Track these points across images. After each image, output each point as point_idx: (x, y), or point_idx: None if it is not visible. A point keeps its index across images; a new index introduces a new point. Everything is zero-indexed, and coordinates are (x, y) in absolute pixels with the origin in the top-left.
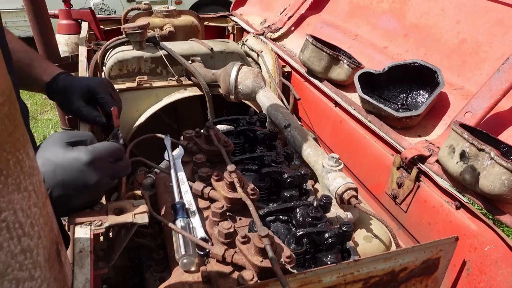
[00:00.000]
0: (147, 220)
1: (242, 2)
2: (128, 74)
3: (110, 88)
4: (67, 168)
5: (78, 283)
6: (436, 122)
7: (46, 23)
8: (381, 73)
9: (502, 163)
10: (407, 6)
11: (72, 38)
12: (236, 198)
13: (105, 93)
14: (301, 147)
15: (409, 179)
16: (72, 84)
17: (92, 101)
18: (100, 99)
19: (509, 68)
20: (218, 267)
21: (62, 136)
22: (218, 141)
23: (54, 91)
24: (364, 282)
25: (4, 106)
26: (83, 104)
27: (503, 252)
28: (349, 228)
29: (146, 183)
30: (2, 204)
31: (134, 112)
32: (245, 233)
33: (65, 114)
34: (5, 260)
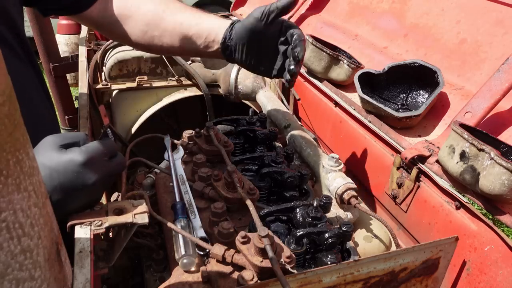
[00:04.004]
0: (147, 220)
1: (242, 2)
2: (128, 74)
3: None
4: (63, 171)
5: (78, 283)
6: (436, 122)
7: (46, 23)
8: (381, 73)
9: (502, 163)
10: (407, 6)
11: (72, 38)
12: (236, 198)
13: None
14: (301, 147)
15: (409, 179)
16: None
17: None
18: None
19: (509, 68)
20: (218, 267)
21: (54, 139)
22: (218, 141)
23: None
24: (364, 282)
25: (4, 106)
26: None
27: (503, 252)
28: (349, 228)
29: (146, 183)
30: (2, 204)
31: (134, 112)
32: (245, 233)
33: (65, 114)
34: (5, 260)
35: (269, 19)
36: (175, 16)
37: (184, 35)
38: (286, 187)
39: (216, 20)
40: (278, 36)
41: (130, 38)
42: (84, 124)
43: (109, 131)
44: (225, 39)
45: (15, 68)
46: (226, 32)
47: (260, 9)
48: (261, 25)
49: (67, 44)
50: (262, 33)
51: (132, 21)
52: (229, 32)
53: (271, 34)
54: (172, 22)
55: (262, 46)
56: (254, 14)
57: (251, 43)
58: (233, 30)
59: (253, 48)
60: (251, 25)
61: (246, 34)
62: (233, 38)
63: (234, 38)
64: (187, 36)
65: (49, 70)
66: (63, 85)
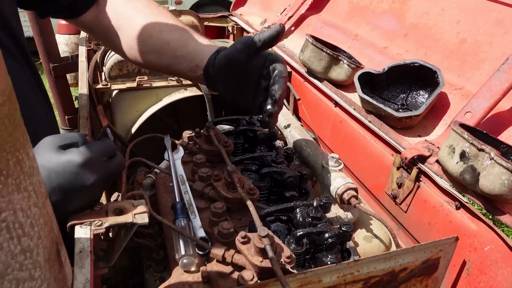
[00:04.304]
0: (147, 220)
1: (242, 2)
2: (128, 74)
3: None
4: (62, 172)
5: (78, 283)
6: (436, 122)
7: (46, 23)
8: (381, 73)
9: (502, 163)
10: (407, 6)
11: (72, 38)
12: (236, 198)
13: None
14: (301, 147)
15: (409, 179)
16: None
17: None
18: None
19: (509, 68)
20: (218, 267)
21: (53, 140)
22: (218, 141)
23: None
24: (364, 282)
25: (4, 106)
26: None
27: (503, 252)
28: (349, 228)
29: (146, 183)
30: (2, 204)
31: (134, 112)
32: (245, 233)
33: (65, 114)
34: (5, 260)
35: (252, 51)
36: (163, 35)
37: (170, 56)
38: (286, 187)
39: (203, 45)
40: (261, 69)
41: (120, 50)
42: (84, 124)
43: (108, 131)
44: (207, 66)
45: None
46: (210, 59)
47: (244, 40)
48: (243, 57)
49: (67, 44)
50: (244, 65)
51: (122, 34)
52: (213, 60)
53: (254, 67)
54: (159, 41)
55: (244, 79)
56: (237, 45)
57: (232, 75)
58: (216, 59)
59: (234, 80)
60: (233, 56)
61: (227, 65)
62: (215, 67)
63: (216, 67)
64: (173, 57)
65: (49, 70)
66: (63, 85)
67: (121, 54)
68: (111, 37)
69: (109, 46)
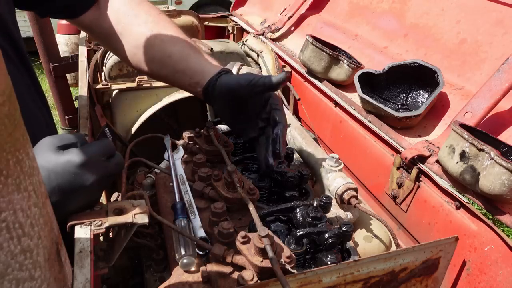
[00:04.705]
0: (147, 220)
1: (242, 2)
2: (128, 74)
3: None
4: (61, 172)
5: (78, 283)
6: (436, 122)
7: (46, 23)
8: (381, 73)
9: (502, 163)
10: (407, 6)
11: (72, 38)
12: (236, 198)
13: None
14: (301, 147)
15: (409, 179)
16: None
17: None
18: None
19: (509, 68)
20: (218, 267)
21: (52, 140)
22: (218, 141)
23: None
24: (364, 282)
25: (4, 106)
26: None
27: (503, 252)
28: (349, 228)
29: (146, 183)
30: (2, 204)
31: (134, 112)
32: (245, 233)
33: (65, 114)
34: (5, 260)
35: (254, 91)
36: (165, 46)
37: (170, 68)
38: (286, 187)
39: (205, 63)
40: (260, 110)
41: (121, 54)
42: (84, 124)
43: (107, 130)
44: (207, 87)
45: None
46: (211, 80)
47: (249, 78)
48: (245, 94)
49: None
50: (244, 101)
51: (123, 39)
52: (214, 82)
53: (254, 105)
54: (161, 52)
55: (242, 112)
56: (241, 79)
57: (230, 104)
58: (217, 81)
59: (231, 109)
60: (235, 89)
61: (227, 93)
62: (215, 90)
63: (217, 90)
64: (173, 70)
65: (49, 70)
66: (63, 85)
67: (123, 59)
68: (113, 41)
69: (110, 49)
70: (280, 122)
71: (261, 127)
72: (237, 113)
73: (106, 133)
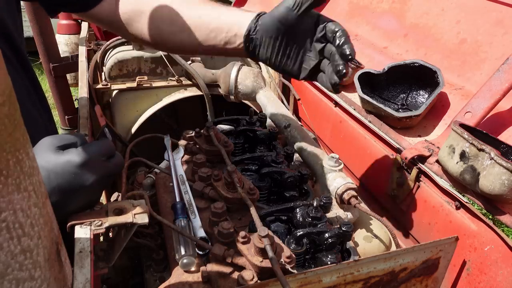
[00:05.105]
0: (147, 220)
1: (242, 2)
2: (128, 74)
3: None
4: (61, 172)
5: (78, 283)
6: (436, 122)
7: (46, 23)
8: (381, 73)
9: (502, 163)
10: (407, 6)
11: (72, 38)
12: (236, 198)
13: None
14: (301, 147)
15: (409, 179)
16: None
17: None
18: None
19: (509, 68)
20: (218, 267)
21: (52, 141)
22: (218, 141)
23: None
24: (364, 282)
25: (4, 106)
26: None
27: (503, 252)
28: (349, 228)
29: (146, 183)
30: (2, 204)
31: (134, 112)
32: (245, 233)
33: (65, 114)
34: (5, 260)
35: (302, 8)
36: (193, 9)
37: (203, 30)
38: (286, 187)
39: (240, 12)
40: (312, 31)
41: (145, 35)
42: (84, 124)
43: (107, 130)
44: (249, 31)
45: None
46: (251, 24)
47: (289, 0)
48: (293, 16)
49: (67, 44)
50: (293, 25)
51: (146, 17)
52: (254, 24)
53: (304, 28)
54: (190, 16)
55: (292, 41)
56: (285, 3)
57: (280, 37)
58: (259, 21)
59: (281, 42)
60: (281, 15)
61: (274, 26)
62: (258, 30)
63: (260, 30)
64: (206, 31)
65: (49, 70)
66: (63, 85)
67: (146, 41)
68: (134, 24)
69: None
70: (339, 29)
71: (319, 49)
72: (290, 48)
73: (105, 133)
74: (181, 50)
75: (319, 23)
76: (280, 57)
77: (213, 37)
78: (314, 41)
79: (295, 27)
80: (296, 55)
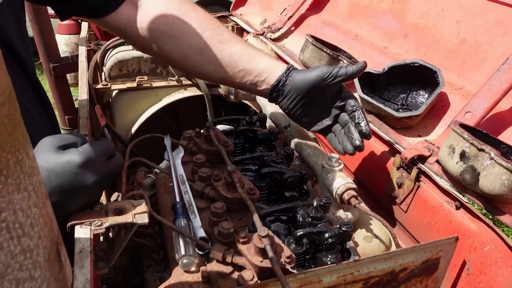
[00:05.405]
0: (147, 220)
1: (242, 2)
2: (128, 74)
3: None
4: (61, 172)
5: (78, 283)
6: (436, 122)
7: (46, 23)
8: (381, 73)
9: (502, 163)
10: (407, 6)
11: (72, 38)
12: (236, 198)
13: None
14: (301, 147)
15: (409, 179)
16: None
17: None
18: None
19: (509, 68)
20: (218, 267)
21: (52, 141)
22: (218, 141)
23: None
24: (364, 282)
25: (4, 106)
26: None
27: (503, 252)
28: (349, 228)
29: (146, 183)
30: (2, 204)
31: (134, 112)
32: (245, 233)
33: (65, 114)
34: (5, 260)
35: (334, 81)
36: (225, 46)
37: (231, 68)
38: (286, 187)
39: (270, 61)
40: (333, 98)
41: (168, 56)
42: (84, 124)
43: (106, 130)
44: (278, 82)
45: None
46: (282, 76)
47: (327, 69)
48: (323, 84)
49: (67, 44)
50: (321, 90)
51: (175, 40)
52: (285, 77)
53: (329, 94)
54: (220, 52)
55: (315, 102)
56: (320, 72)
57: (307, 97)
58: (289, 76)
59: (306, 101)
60: (314, 81)
61: (305, 87)
62: (288, 85)
63: (289, 86)
64: (234, 69)
65: (49, 70)
66: (63, 85)
67: (167, 61)
68: (158, 43)
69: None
70: (358, 106)
71: (335, 115)
72: (311, 106)
73: (106, 134)
74: (204, 78)
75: (341, 94)
76: (300, 111)
77: (241, 76)
78: (333, 107)
79: (323, 92)
80: (314, 113)
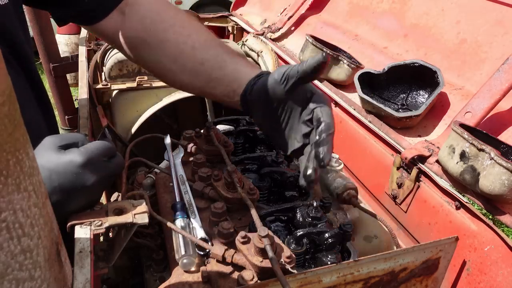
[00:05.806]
0: (147, 220)
1: (242, 2)
2: (128, 74)
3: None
4: (62, 172)
5: (78, 283)
6: (436, 122)
7: (46, 23)
8: (381, 73)
9: (502, 163)
10: (407, 6)
11: (72, 38)
12: (236, 198)
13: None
14: None
15: (409, 179)
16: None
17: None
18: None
19: (509, 68)
20: (218, 267)
21: (53, 140)
22: (218, 141)
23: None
24: (364, 282)
25: (4, 106)
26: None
27: (503, 252)
28: (349, 228)
29: (146, 183)
30: (2, 204)
31: (134, 112)
32: (245, 233)
33: (65, 114)
34: (5, 261)
35: (288, 84)
36: (196, 53)
37: (203, 77)
38: (286, 187)
39: (242, 67)
40: (301, 110)
41: (147, 65)
42: (84, 124)
43: (106, 131)
44: (245, 92)
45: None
46: (248, 85)
47: (282, 70)
48: (281, 90)
49: (67, 44)
50: (282, 99)
51: (150, 48)
52: (251, 86)
53: (294, 104)
54: (192, 59)
55: (281, 116)
56: (275, 74)
57: (268, 108)
58: (256, 84)
59: (270, 114)
60: (270, 86)
61: (263, 94)
62: (252, 95)
63: (253, 95)
64: (207, 79)
65: (49, 70)
66: (63, 85)
67: (148, 69)
68: (137, 51)
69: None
70: (323, 121)
71: (305, 133)
72: (277, 119)
73: (106, 134)
74: (181, 89)
75: (309, 103)
76: (269, 127)
77: (212, 87)
78: (301, 121)
79: (285, 101)
80: (283, 130)
